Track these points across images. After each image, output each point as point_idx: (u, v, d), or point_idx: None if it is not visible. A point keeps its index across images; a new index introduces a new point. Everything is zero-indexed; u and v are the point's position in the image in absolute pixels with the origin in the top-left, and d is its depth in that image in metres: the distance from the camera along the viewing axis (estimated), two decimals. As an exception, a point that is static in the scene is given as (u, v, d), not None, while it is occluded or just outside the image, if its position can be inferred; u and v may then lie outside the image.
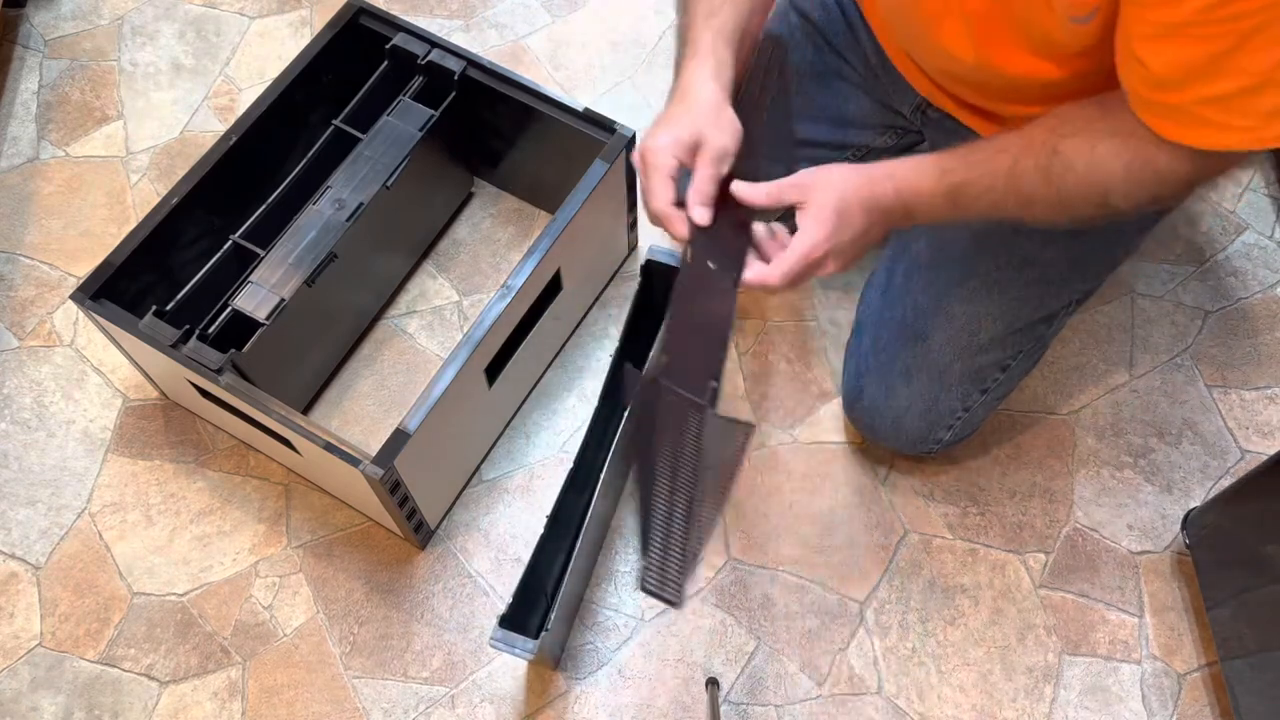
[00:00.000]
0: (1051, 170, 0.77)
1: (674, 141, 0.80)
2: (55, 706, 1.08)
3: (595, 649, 1.12)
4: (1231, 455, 1.23)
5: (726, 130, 0.81)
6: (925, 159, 0.81)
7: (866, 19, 1.05)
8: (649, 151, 0.81)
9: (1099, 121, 0.76)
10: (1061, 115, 0.79)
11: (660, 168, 0.81)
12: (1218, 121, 0.69)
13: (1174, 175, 0.75)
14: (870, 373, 1.11)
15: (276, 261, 1.07)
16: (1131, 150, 0.74)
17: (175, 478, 1.19)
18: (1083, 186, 0.77)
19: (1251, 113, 0.68)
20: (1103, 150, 0.75)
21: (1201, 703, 1.11)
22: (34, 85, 1.43)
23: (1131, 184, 0.76)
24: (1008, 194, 0.79)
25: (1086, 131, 0.77)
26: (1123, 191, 0.76)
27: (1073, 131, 0.77)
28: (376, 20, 1.18)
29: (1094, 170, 0.76)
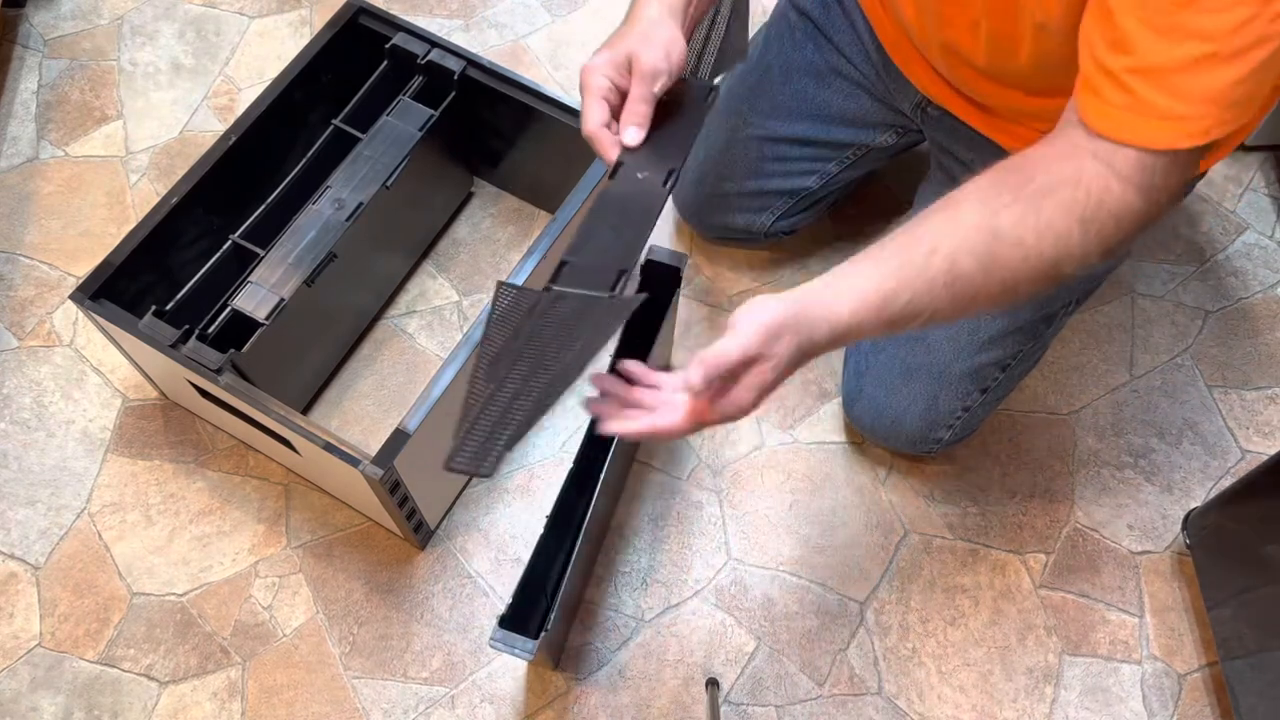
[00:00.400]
0: (996, 256, 0.68)
1: (607, 61, 0.79)
2: (55, 707, 1.08)
3: (595, 649, 1.11)
4: (1232, 455, 1.23)
5: (659, 47, 0.78)
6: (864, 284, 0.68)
7: (867, 16, 1.04)
8: (584, 71, 0.80)
9: (1029, 184, 0.68)
10: (985, 191, 0.69)
11: (592, 88, 0.80)
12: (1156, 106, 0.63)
13: (1128, 210, 0.67)
14: (870, 372, 1.11)
15: (276, 261, 1.07)
16: (1082, 196, 0.67)
17: (175, 478, 1.19)
18: (1033, 262, 0.68)
19: (1189, 95, 0.63)
20: (1049, 211, 0.67)
21: (1202, 703, 1.11)
22: (34, 85, 1.43)
23: (1089, 237, 0.67)
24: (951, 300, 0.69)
25: (1021, 200, 0.67)
26: (1079, 252, 0.68)
27: (1007, 203, 0.68)
28: (376, 20, 1.18)
29: (1044, 238, 0.67)
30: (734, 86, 1.17)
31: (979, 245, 0.68)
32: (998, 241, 0.67)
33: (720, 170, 1.19)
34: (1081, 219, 0.67)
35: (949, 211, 0.69)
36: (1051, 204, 0.67)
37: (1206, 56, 0.61)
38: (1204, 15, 0.60)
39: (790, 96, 1.12)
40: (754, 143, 1.16)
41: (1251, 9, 0.59)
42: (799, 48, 1.11)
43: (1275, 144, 1.41)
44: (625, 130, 0.79)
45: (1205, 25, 0.61)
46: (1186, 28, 0.61)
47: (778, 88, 1.13)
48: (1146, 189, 0.67)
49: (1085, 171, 0.67)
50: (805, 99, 1.12)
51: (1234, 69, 0.62)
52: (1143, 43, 0.63)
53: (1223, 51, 0.61)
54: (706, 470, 1.21)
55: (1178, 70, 0.62)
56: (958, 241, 0.68)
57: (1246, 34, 0.60)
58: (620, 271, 0.73)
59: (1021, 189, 0.68)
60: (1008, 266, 0.68)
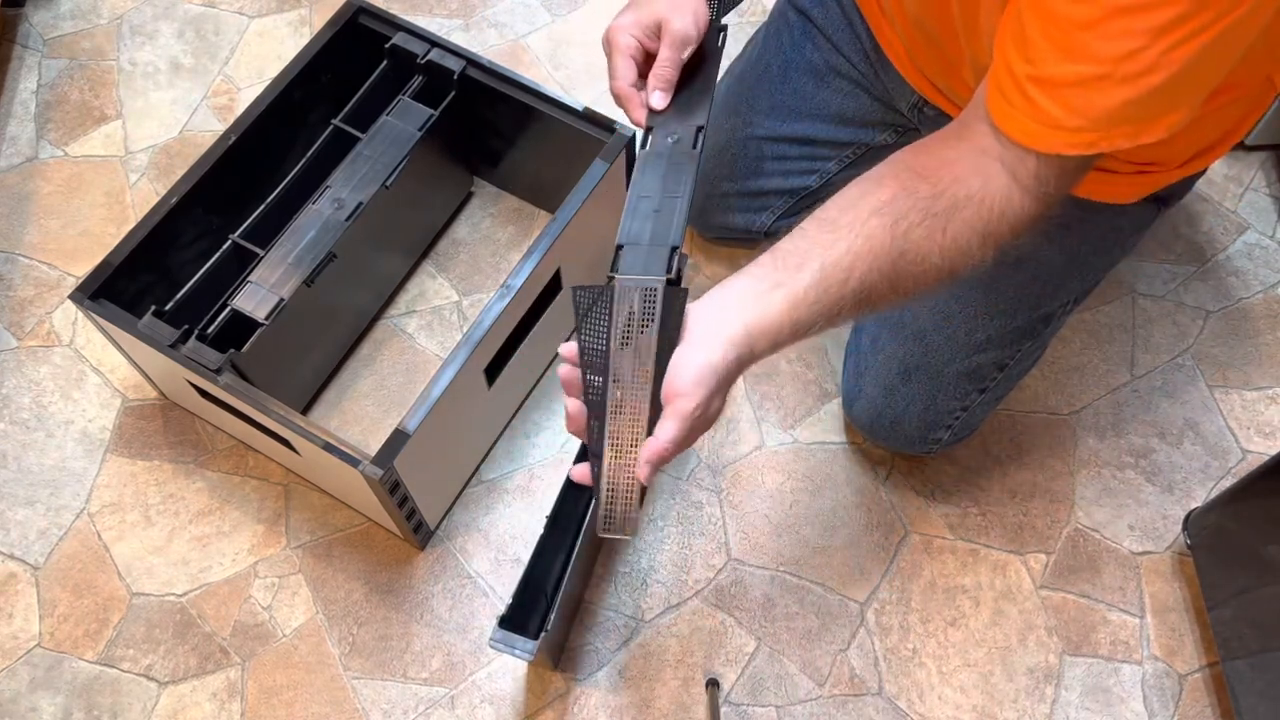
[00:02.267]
0: (901, 272, 0.71)
1: (635, 22, 0.81)
2: (54, 707, 1.08)
3: (595, 649, 1.11)
4: (1233, 455, 1.23)
5: (688, 14, 0.80)
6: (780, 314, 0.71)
7: (865, 17, 1.04)
8: (612, 30, 0.82)
9: (940, 198, 0.71)
10: (895, 207, 0.71)
11: (621, 47, 0.82)
12: (1049, 115, 0.66)
13: (1025, 217, 0.71)
14: (869, 372, 1.11)
15: (276, 261, 1.07)
16: (985, 214, 0.70)
17: (174, 478, 1.19)
18: (933, 273, 0.72)
19: (1080, 111, 0.65)
20: (954, 229, 0.70)
21: (1202, 703, 1.11)
22: (33, 85, 1.43)
23: (987, 247, 0.72)
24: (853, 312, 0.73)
25: (930, 214, 0.70)
26: (976, 260, 0.72)
27: (916, 219, 0.70)
28: (376, 19, 1.18)
29: (947, 253, 0.71)
30: (733, 86, 1.17)
31: (886, 265, 0.71)
32: (903, 260, 0.71)
33: (720, 170, 1.19)
34: (983, 235, 0.71)
35: (863, 232, 0.71)
36: (957, 222, 0.71)
37: (1098, 77, 0.64)
38: (1100, 40, 0.63)
39: (789, 95, 1.12)
40: (753, 142, 1.16)
41: (1143, 40, 0.61)
42: (798, 47, 1.11)
43: (1275, 144, 1.41)
44: (652, 94, 0.82)
45: (1100, 50, 0.63)
46: (1084, 49, 0.63)
47: (777, 87, 1.13)
48: (1041, 197, 0.71)
49: (991, 185, 0.70)
50: (804, 98, 1.12)
51: (1124, 91, 0.64)
52: (1043, 54, 0.65)
53: (1114, 75, 0.63)
54: (706, 470, 1.21)
55: (1070, 85, 0.65)
56: (869, 265, 0.71)
57: (1138, 61, 0.62)
58: (672, 249, 0.76)
59: (931, 205, 0.71)
60: (910, 279, 0.72)
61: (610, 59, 0.83)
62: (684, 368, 0.69)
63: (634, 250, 0.77)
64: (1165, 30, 0.61)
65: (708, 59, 0.86)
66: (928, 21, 0.91)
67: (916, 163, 0.73)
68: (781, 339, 0.72)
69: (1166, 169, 0.92)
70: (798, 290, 0.71)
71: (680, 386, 0.68)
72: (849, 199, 0.73)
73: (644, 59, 0.84)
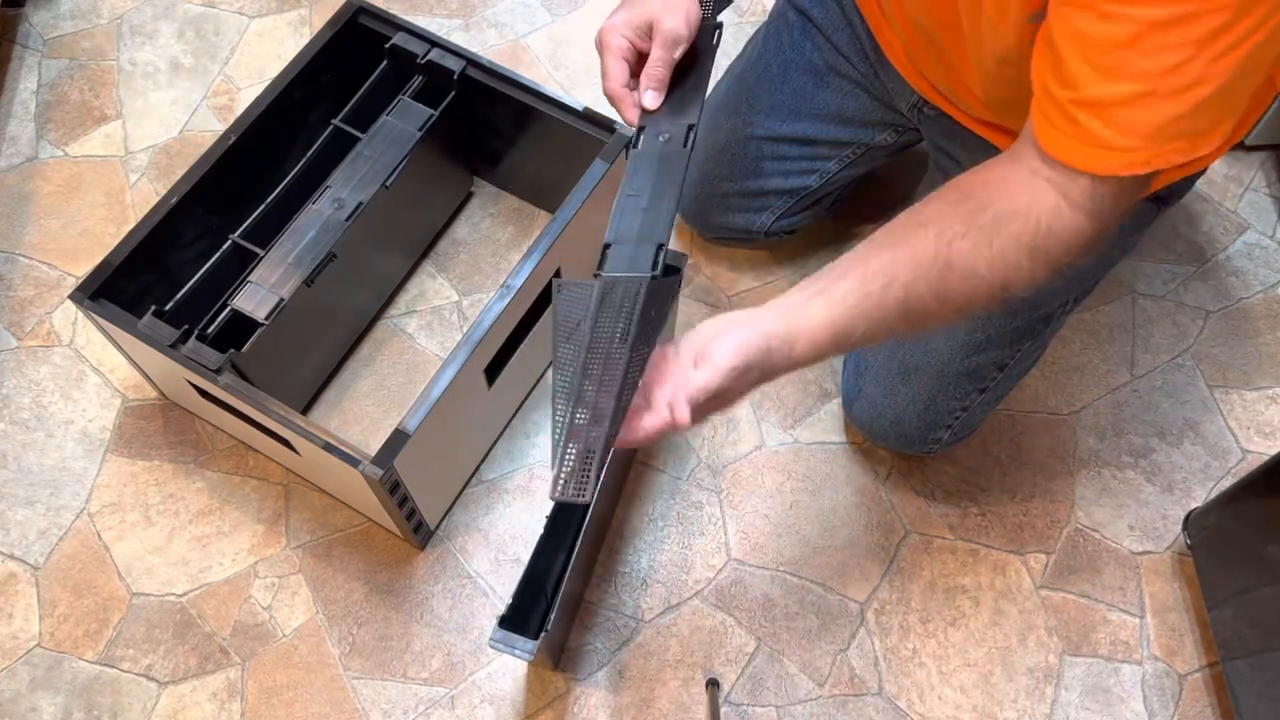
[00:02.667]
0: (948, 284, 0.71)
1: (626, 22, 0.81)
2: (54, 707, 1.07)
3: (595, 649, 1.11)
4: (1233, 455, 1.23)
5: (680, 14, 0.81)
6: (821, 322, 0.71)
7: (865, 17, 1.04)
8: (603, 31, 0.82)
9: (984, 212, 0.70)
10: (942, 217, 0.71)
11: (613, 48, 0.82)
12: (1097, 137, 0.66)
13: (1078, 237, 0.70)
14: (869, 372, 1.11)
15: (276, 261, 1.07)
16: (1033, 227, 0.69)
17: (174, 478, 1.19)
18: (983, 288, 0.71)
19: (1129, 130, 0.65)
20: (1001, 241, 0.70)
21: (1203, 703, 1.11)
22: (33, 85, 1.43)
23: (1037, 264, 0.71)
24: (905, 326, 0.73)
25: (976, 227, 0.70)
26: (1028, 278, 0.71)
27: (961, 232, 0.70)
28: (376, 19, 1.18)
29: (995, 266, 0.70)
30: (733, 86, 1.17)
31: (933, 276, 0.70)
32: (950, 272, 0.70)
33: (720, 170, 1.19)
34: (1031, 249, 0.70)
35: (905, 242, 0.72)
36: (1003, 236, 0.70)
37: (1143, 94, 0.63)
38: (1142, 57, 0.62)
39: (789, 95, 1.12)
40: (753, 142, 1.16)
41: (1187, 52, 0.61)
42: (798, 47, 1.11)
43: (1275, 144, 1.41)
44: (644, 94, 0.82)
45: (1142, 66, 0.62)
46: (1125, 68, 0.63)
47: (777, 87, 1.13)
48: (1095, 214, 0.69)
49: (1038, 201, 0.69)
50: (804, 98, 1.12)
51: (1172, 106, 0.63)
52: (1084, 78, 0.65)
53: (1160, 90, 0.63)
54: (706, 470, 1.21)
55: (1117, 105, 0.65)
56: (913, 274, 0.70)
57: (1184, 75, 0.62)
58: (658, 246, 0.76)
59: (975, 218, 0.70)
60: (960, 294, 0.71)
61: (602, 59, 0.83)
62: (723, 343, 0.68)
63: (620, 249, 0.77)
64: (1208, 41, 0.60)
65: (701, 58, 0.86)
66: (927, 23, 0.91)
67: (964, 182, 0.73)
68: (822, 342, 0.71)
69: None
70: (836, 295, 0.71)
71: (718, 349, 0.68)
72: (898, 220, 0.73)
73: (636, 59, 0.84)
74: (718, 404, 0.70)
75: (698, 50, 0.85)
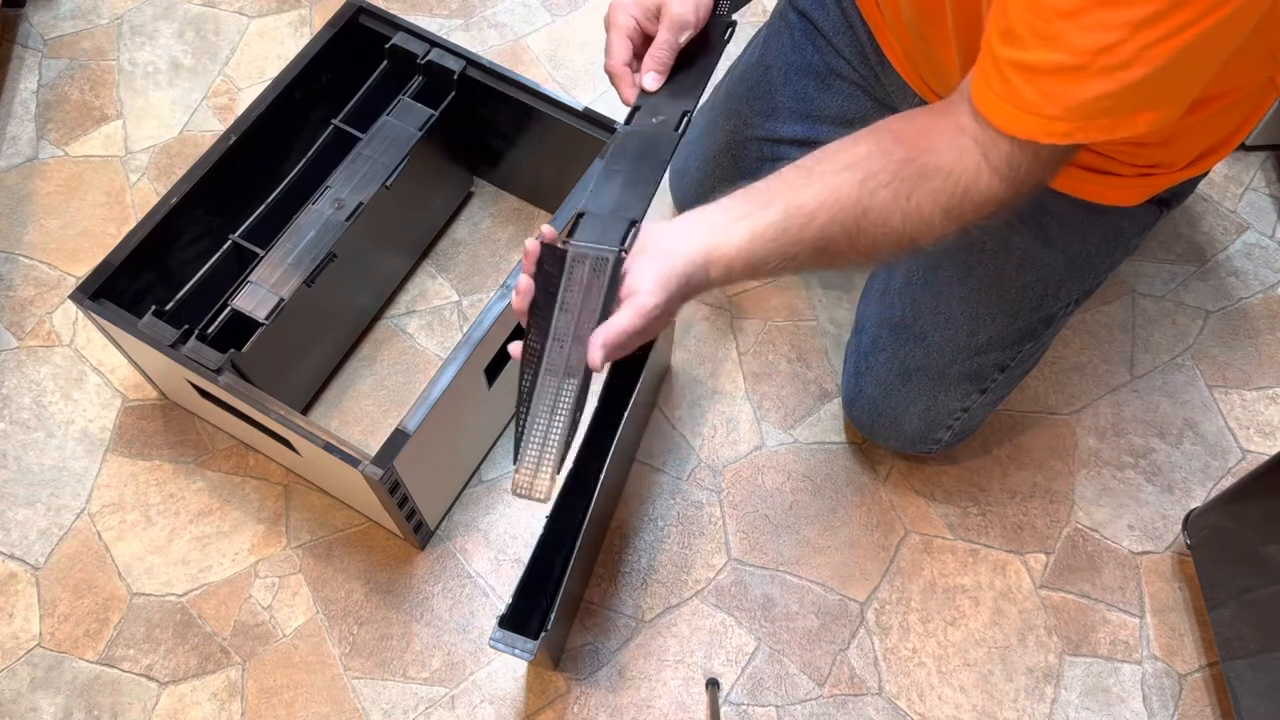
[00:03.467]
0: (862, 229, 0.73)
1: (635, 3, 0.82)
2: (54, 707, 1.08)
3: (595, 649, 1.11)
4: (1233, 455, 1.23)
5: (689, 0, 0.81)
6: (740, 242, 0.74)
7: (865, 19, 1.04)
8: (613, 9, 0.83)
9: (914, 161, 0.72)
10: (869, 163, 0.74)
11: (619, 25, 0.82)
12: (1026, 99, 0.66)
13: (991, 199, 0.72)
14: (870, 372, 1.11)
15: (276, 261, 1.07)
16: (951, 188, 0.71)
17: (174, 478, 1.19)
18: (892, 238, 0.74)
19: (1057, 99, 0.66)
20: (920, 196, 0.72)
21: (1202, 703, 1.11)
22: (33, 85, 1.43)
23: (949, 222, 0.73)
24: (811, 259, 0.75)
25: (900, 177, 0.72)
26: (937, 233, 0.74)
27: (886, 179, 0.72)
28: (376, 19, 1.18)
29: (908, 220, 0.73)
30: (733, 87, 1.17)
31: (849, 220, 0.73)
32: (866, 219, 0.73)
33: (719, 171, 1.19)
34: (946, 209, 0.72)
35: (832, 181, 0.74)
36: (923, 191, 0.72)
37: (1075, 68, 0.64)
38: (1079, 31, 0.63)
39: (790, 97, 1.12)
40: (753, 144, 1.16)
41: (1122, 33, 0.61)
42: (798, 48, 1.11)
43: (1275, 144, 1.41)
44: (645, 75, 0.83)
45: (1079, 41, 0.63)
46: (1062, 38, 0.64)
47: (777, 88, 1.13)
48: (1011, 180, 0.71)
49: (962, 161, 0.71)
50: (805, 100, 1.12)
51: (1101, 84, 0.64)
52: (1025, 40, 0.66)
53: (1091, 67, 0.63)
54: (706, 470, 1.21)
55: (1048, 73, 0.65)
56: (832, 215, 0.73)
57: (1116, 55, 0.62)
58: (631, 222, 0.75)
59: (901, 169, 0.72)
60: (870, 240, 0.74)
61: (608, 35, 0.84)
62: (644, 273, 0.71)
63: (593, 220, 0.76)
64: (1144, 25, 0.60)
65: (709, 50, 0.85)
66: (922, 27, 0.91)
67: (897, 128, 0.75)
68: (735, 269, 0.74)
69: (1169, 171, 0.92)
70: (759, 225, 0.73)
71: (640, 285, 0.70)
72: (827, 151, 0.76)
73: (642, 40, 0.84)
74: (639, 338, 0.72)
75: (707, 41, 0.85)
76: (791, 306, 1.30)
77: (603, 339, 0.69)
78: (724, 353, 1.27)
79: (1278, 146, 1.42)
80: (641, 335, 0.71)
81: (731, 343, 1.28)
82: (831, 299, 1.31)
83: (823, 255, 0.74)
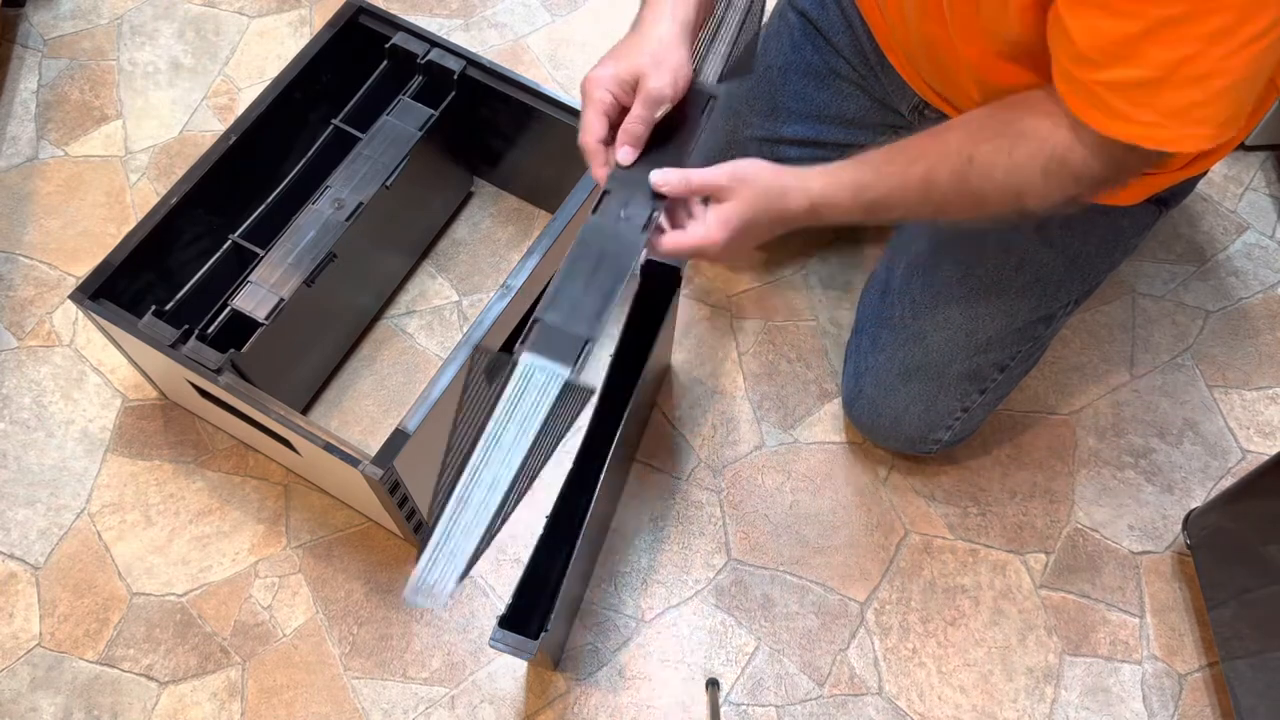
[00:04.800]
0: (968, 177, 0.77)
1: (612, 76, 0.79)
2: (54, 707, 1.08)
3: (595, 649, 1.11)
4: (1233, 455, 1.23)
5: (668, 73, 0.78)
6: (841, 171, 0.80)
7: (865, 19, 1.04)
8: (588, 82, 0.81)
9: (1013, 125, 0.76)
10: (975, 120, 0.79)
11: (595, 101, 0.80)
12: (1120, 110, 0.69)
13: (1089, 173, 0.75)
14: (870, 372, 1.11)
15: (276, 261, 1.07)
16: (1048, 152, 0.74)
17: (174, 478, 1.19)
18: (999, 190, 0.77)
19: (1150, 107, 0.68)
20: (1020, 154, 0.75)
21: (1202, 703, 1.11)
22: (33, 85, 1.43)
23: (1050, 185, 0.76)
24: (923, 203, 0.79)
25: (1002, 135, 0.76)
26: (1040, 193, 0.76)
27: (988, 136, 0.77)
28: (376, 19, 1.18)
29: (1012, 175, 0.76)
30: (733, 87, 1.17)
31: (957, 165, 0.77)
32: (972, 167, 0.77)
33: (720, 170, 1.19)
34: (1045, 171, 0.75)
35: (939, 132, 0.80)
36: (1023, 149, 0.75)
37: (1158, 80, 0.67)
38: (1155, 48, 0.65)
39: (789, 97, 1.12)
40: (753, 144, 1.16)
41: (1197, 47, 0.64)
42: (798, 48, 1.11)
43: (1275, 144, 1.41)
44: (620, 149, 0.79)
45: (1156, 56, 0.65)
46: (1139, 55, 0.66)
47: (777, 88, 1.13)
48: (1109, 161, 0.74)
49: (1058, 134, 0.74)
50: (804, 100, 1.12)
51: (1190, 92, 0.67)
52: (1101, 63, 0.68)
53: (1173, 79, 0.66)
54: (706, 470, 1.21)
55: (1134, 86, 0.68)
56: (937, 158, 0.78)
57: (1196, 66, 0.65)
58: (584, 342, 0.71)
59: (1004, 129, 0.77)
60: (977, 189, 0.77)
61: (584, 111, 0.81)
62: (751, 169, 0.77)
63: (547, 331, 0.71)
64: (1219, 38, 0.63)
65: (688, 126, 0.80)
66: (925, 27, 0.91)
67: (1003, 100, 0.79)
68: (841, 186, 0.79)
69: (1169, 171, 0.93)
70: (864, 156, 0.79)
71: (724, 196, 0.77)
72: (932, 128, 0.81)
73: (618, 114, 0.80)
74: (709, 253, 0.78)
75: (686, 117, 0.81)
76: (791, 306, 1.30)
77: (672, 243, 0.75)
78: (724, 353, 1.27)
79: (1278, 146, 1.42)
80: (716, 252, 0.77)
81: (731, 343, 1.28)
82: (831, 299, 1.31)
83: (934, 201, 0.78)
